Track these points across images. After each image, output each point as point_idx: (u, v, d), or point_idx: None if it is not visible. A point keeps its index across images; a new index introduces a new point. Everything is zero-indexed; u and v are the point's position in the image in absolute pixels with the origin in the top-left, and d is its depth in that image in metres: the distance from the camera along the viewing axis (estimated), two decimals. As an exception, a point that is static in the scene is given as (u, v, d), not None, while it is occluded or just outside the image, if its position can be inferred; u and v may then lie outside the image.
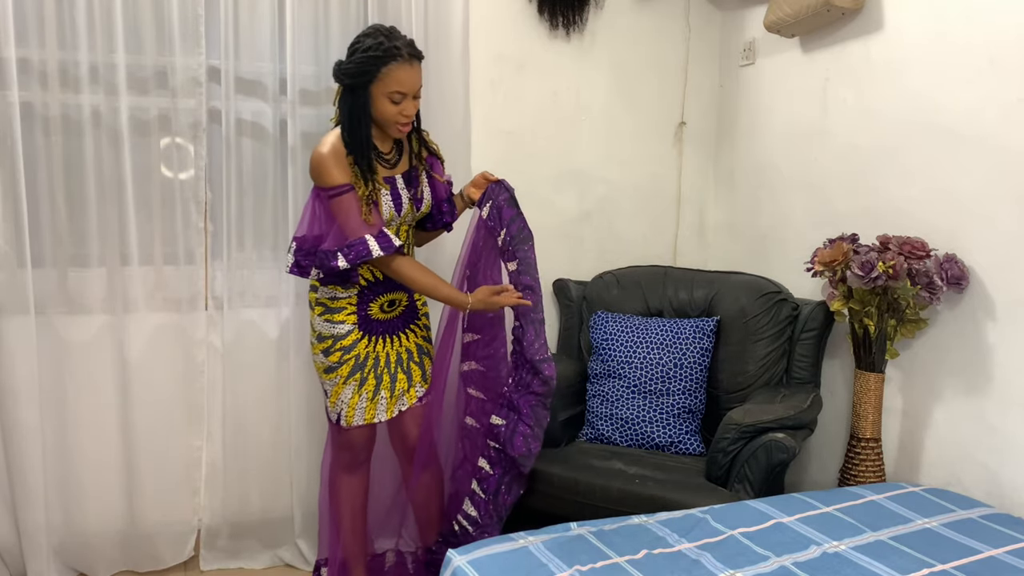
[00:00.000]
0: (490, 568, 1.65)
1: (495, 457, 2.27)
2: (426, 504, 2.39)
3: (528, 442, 2.22)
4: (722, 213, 3.29)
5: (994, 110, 2.14)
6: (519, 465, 2.23)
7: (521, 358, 2.24)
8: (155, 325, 2.55)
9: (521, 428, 2.22)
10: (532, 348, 2.21)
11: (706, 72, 3.28)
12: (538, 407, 2.23)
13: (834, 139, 2.67)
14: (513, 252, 2.25)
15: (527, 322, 2.23)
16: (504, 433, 2.24)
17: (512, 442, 2.22)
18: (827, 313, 2.58)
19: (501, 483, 2.26)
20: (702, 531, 1.83)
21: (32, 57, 2.33)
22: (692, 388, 2.65)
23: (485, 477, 2.28)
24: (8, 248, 2.36)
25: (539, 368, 2.20)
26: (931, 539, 1.81)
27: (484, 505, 2.27)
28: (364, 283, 2.23)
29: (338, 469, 2.34)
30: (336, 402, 2.24)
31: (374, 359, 2.24)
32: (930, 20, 2.32)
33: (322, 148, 2.12)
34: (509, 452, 2.22)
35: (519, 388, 2.25)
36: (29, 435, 2.41)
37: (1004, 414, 2.15)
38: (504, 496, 2.27)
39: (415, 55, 2.08)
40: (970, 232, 2.22)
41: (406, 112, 2.10)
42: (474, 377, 2.36)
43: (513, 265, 2.26)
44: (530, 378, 2.23)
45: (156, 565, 2.62)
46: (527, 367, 2.23)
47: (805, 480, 2.82)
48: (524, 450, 2.21)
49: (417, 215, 2.29)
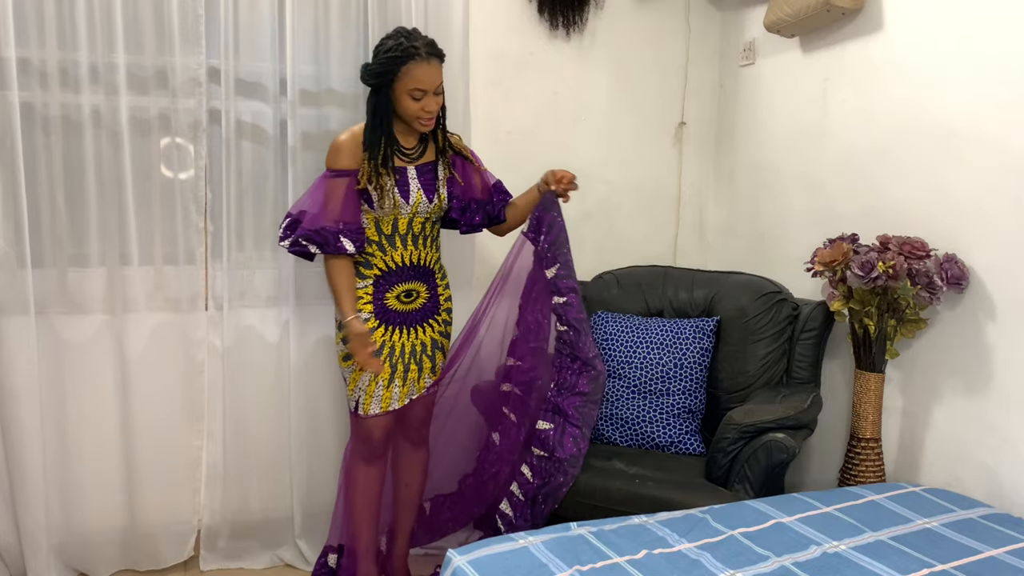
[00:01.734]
0: (490, 568, 1.65)
1: (537, 466, 2.29)
2: (408, 483, 2.48)
3: (578, 442, 2.26)
4: (722, 213, 3.29)
5: (994, 110, 2.14)
6: (566, 467, 2.25)
7: (567, 360, 2.29)
8: (155, 325, 2.55)
9: (570, 430, 2.26)
10: (585, 347, 2.28)
11: (706, 72, 3.28)
12: (584, 407, 2.28)
13: (834, 139, 2.67)
14: (554, 256, 2.29)
15: (577, 324, 2.28)
16: (553, 437, 2.26)
17: (562, 444, 2.25)
18: (827, 313, 2.58)
19: (539, 492, 2.28)
20: (702, 531, 1.83)
21: (32, 57, 2.33)
22: (692, 388, 2.65)
23: (524, 483, 2.30)
24: (8, 248, 2.36)
25: (593, 364, 2.27)
26: (931, 539, 1.81)
27: (521, 508, 2.30)
28: (379, 272, 2.27)
29: (357, 459, 2.37)
30: (354, 390, 2.29)
31: (390, 348, 2.29)
32: (930, 20, 2.32)
33: (344, 134, 2.25)
34: (558, 455, 2.24)
35: (562, 392, 2.30)
36: (29, 435, 2.41)
37: (1004, 414, 2.15)
38: (541, 505, 2.29)
39: (434, 53, 2.17)
40: (970, 232, 2.22)
41: (427, 108, 2.19)
42: (512, 399, 2.40)
43: (552, 271, 2.29)
44: (575, 379, 2.28)
45: (156, 565, 2.62)
46: (572, 369, 2.28)
47: (805, 480, 2.82)
48: (574, 450, 2.25)
49: (432, 208, 2.31)
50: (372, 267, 2.27)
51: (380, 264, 2.27)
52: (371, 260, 2.26)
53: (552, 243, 2.29)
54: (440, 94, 2.22)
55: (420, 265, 2.32)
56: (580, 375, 2.28)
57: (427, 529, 2.61)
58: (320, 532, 2.69)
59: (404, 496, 2.50)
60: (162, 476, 2.61)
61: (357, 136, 2.23)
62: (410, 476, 2.49)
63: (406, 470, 2.49)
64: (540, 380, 2.35)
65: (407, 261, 2.29)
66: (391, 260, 2.28)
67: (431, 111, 2.20)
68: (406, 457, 2.48)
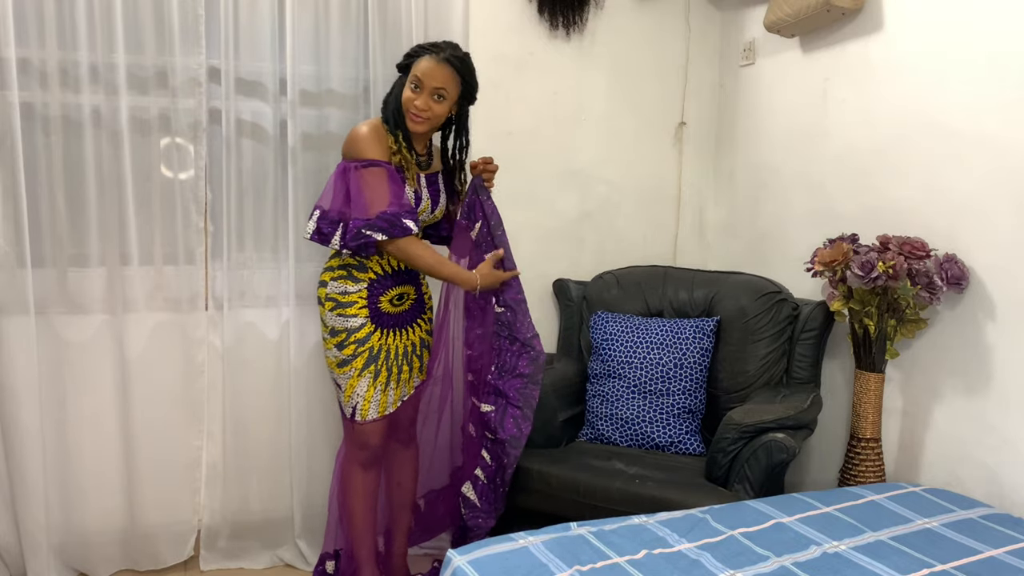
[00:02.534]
0: (490, 568, 1.65)
1: (492, 449, 2.31)
2: (400, 482, 2.48)
3: (519, 423, 2.26)
4: (722, 213, 3.29)
5: (994, 110, 2.14)
6: (508, 449, 2.25)
7: (506, 342, 2.29)
8: (155, 325, 2.55)
9: (511, 411, 2.26)
10: (523, 328, 2.29)
11: (706, 72, 3.28)
12: (525, 388, 2.27)
13: (834, 139, 2.68)
14: (492, 241, 2.31)
15: (515, 304, 2.29)
16: (494, 419, 2.27)
17: (503, 425, 2.26)
18: (827, 313, 2.58)
19: (496, 476, 2.30)
20: (702, 531, 1.83)
21: (32, 57, 2.33)
22: (692, 388, 2.65)
23: (485, 467, 2.33)
24: (8, 248, 2.35)
25: (532, 345, 2.28)
26: (931, 539, 1.81)
27: (483, 491, 2.32)
28: (374, 276, 2.27)
29: (354, 464, 2.36)
30: (351, 396, 2.27)
31: (386, 351, 2.29)
32: (930, 20, 2.32)
33: (362, 127, 2.24)
34: (500, 436, 2.25)
35: (503, 374, 2.30)
36: (29, 435, 2.41)
37: (1004, 414, 2.15)
38: (500, 488, 2.31)
39: (448, 59, 2.19)
40: (970, 232, 2.22)
41: (417, 103, 2.19)
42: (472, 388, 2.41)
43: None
44: (515, 360, 2.28)
45: (156, 565, 2.62)
46: (512, 351, 2.28)
47: (805, 480, 2.82)
48: (515, 431, 2.25)
49: (430, 218, 2.35)
50: (367, 271, 2.26)
51: (376, 268, 2.27)
52: (367, 264, 2.26)
53: (491, 227, 2.31)
54: (442, 99, 2.21)
55: (409, 269, 2.33)
56: (520, 356, 2.28)
57: (424, 527, 2.61)
58: (320, 532, 2.69)
59: (398, 496, 2.51)
60: (162, 476, 2.60)
61: (377, 127, 2.23)
62: (402, 475, 2.50)
63: (398, 469, 2.49)
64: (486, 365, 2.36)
65: (401, 265, 2.30)
66: (387, 264, 2.28)
67: (419, 107, 2.19)
68: (397, 456, 2.48)
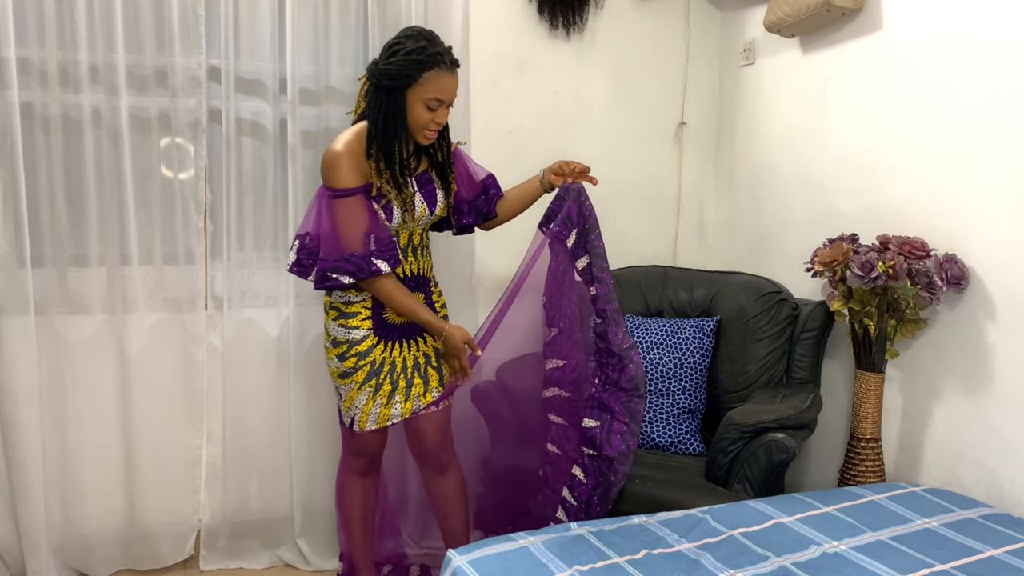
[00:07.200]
0: (490, 568, 1.65)
1: (589, 465, 2.20)
2: (447, 513, 2.33)
3: (626, 439, 2.16)
4: (722, 213, 3.29)
5: (994, 110, 2.14)
6: (616, 465, 2.16)
7: (605, 353, 2.19)
8: (155, 325, 2.55)
9: (617, 426, 2.17)
10: (617, 339, 2.17)
11: (706, 72, 3.28)
12: (630, 402, 2.18)
13: (834, 139, 2.67)
14: (585, 247, 2.21)
15: (607, 315, 2.18)
16: (600, 434, 2.17)
17: (609, 441, 2.16)
18: (827, 313, 2.58)
19: (594, 494, 2.20)
20: (702, 531, 1.83)
21: (32, 57, 2.33)
22: (692, 388, 2.65)
23: (577, 485, 2.22)
24: (8, 248, 2.36)
25: (629, 357, 2.16)
26: (931, 539, 1.81)
27: (576, 513, 2.21)
28: None
29: (350, 473, 2.33)
30: (350, 407, 2.20)
31: (390, 364, 2.19)
32: (930, 20, 2.32)
33: (336, 146, 2.06)
34: (606, 452, 2.15)
35: (607, 387, 2.19)
36: (29, 435, 2.41)
37: (1004, 414, 2.15)
38: (596, 507, 2.21)
39: (455, 63, 2.07)
40: (970, 232, 2.22)
41: (439, 120, 2.07)
42: (556, 404, 2.29)
43: (584, 261, 2.21)
44: (618, 375, 2.18)
45: (156, 564, 2.62)
46: (612, 363, 2.18)
47: (805, 480, 2.82)
48: (623, 447, 2.16)
49: (432, 218, 2.24)
50: None
51: None
52: None
53: (582, 232, 2.20)
54: (452, 106, 2.12)
55: (418, 275, 2.24)
56: (621, 371, 2.17)
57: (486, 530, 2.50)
58: (320, 532, 2.70)
59: (447, 526, 2.36)
60: (162, 476, 2.61)
61: (353, 147, 2.05)
62: (449, 506, 2.33)
63: (442, 503, 2.33)
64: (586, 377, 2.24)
65: (407, 272, 2.21)
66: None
67: (440, 123, 2.08)
68: (437, 488, 2.32)
